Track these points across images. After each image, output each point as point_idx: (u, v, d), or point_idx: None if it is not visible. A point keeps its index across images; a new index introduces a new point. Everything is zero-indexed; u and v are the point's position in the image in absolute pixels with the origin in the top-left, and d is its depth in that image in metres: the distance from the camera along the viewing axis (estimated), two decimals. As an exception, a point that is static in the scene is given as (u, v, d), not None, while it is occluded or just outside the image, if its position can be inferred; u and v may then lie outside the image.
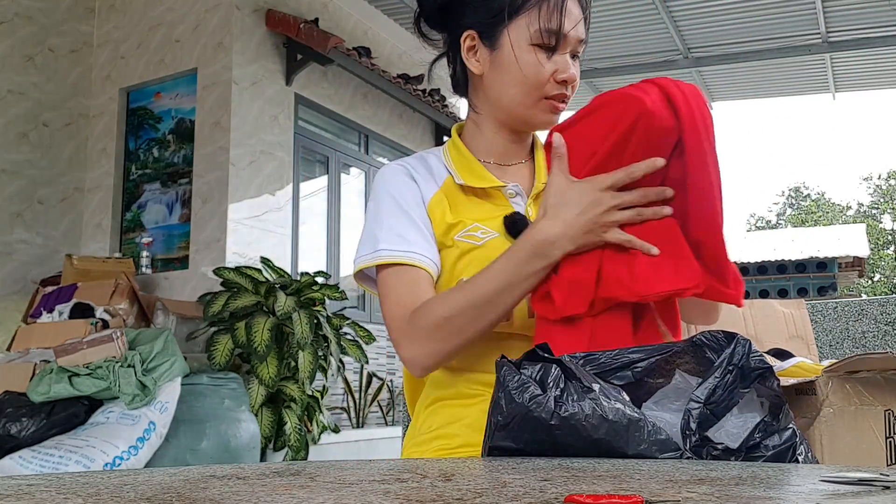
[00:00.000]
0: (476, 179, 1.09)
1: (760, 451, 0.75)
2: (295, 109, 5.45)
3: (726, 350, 0.81)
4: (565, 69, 1.05)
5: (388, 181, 1.10)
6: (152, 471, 0.54)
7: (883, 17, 6.02)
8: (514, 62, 1.05)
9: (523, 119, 1.10)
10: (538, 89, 1.06)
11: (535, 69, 1.04)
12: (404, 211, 1.07)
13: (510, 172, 1.13)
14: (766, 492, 0.44)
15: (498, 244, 1.04)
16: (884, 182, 28.66)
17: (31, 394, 3.05)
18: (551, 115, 1.09)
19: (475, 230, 1.05)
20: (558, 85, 1.06)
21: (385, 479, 0.49)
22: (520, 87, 1.06)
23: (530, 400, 0.74)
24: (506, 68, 1.06)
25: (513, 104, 1.08)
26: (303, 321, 3.85)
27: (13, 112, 5.00)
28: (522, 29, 1.04)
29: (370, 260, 1.05)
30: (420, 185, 1.10)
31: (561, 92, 1.07)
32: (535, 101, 1.07)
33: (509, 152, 1.14)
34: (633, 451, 0.73)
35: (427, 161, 1.14)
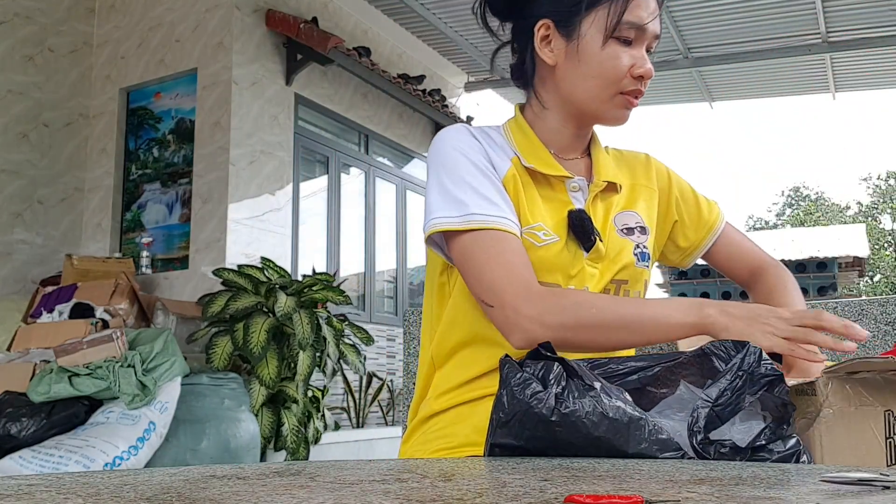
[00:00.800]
0: (544, 165, 1.06)
1: (765, 454, 0.75)
2: (295, 109, 5.45)
3: (737, 356, 0.81)
4: (643, 64, 1.03)
5: (457, 142, 1.05)
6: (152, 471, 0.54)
7: (883, 17, 6.02)
8: (591, 54, 1.02)
9: (595, 114, 1.07)
10: (615, 84, 1.03)
11: (614, 63, 1.02)
12: (485, 174, 1.02)
13: (569, 165, 1.10)
14: (766, 492, 0.44)
15: (555, 249, 1.02)
16: (883, 182, 28.66)
17: (31, 394, 3.05)
18: (624, 111, 1.06)
19: (538, 230, 1.03)
20: (634, 80, 1.03)
21: (385, 479, 0.49)
22: (596, 81, 1.03)
23: (531, 396, 0.74)
24: (582, 60, 1.03)
25: (587, 98, 1.05)
26: (304, 322, 3.85)
27: (13, 112, 5.00)
28: (602, 20, 1.01)
29: (462, 223, 0.98)
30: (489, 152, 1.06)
31: (637, 88, 1.04)
32: (611, 95, 1.04)
33: (570, 146, 1.12)
34: (633, 450, 0.73)
35: (490, 135, 1.10)
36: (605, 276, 1.06)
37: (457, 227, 0.99)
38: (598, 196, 1.09)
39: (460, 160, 1.03)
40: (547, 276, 1.02)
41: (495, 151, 1.07)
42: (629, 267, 1.08)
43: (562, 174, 1.06)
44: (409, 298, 6.76)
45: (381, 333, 6.19)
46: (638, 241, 1.10)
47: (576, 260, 1.04)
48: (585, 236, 1.03)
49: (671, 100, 8.10)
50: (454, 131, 1.07)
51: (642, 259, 1.10)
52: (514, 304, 0.94)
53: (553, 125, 1.10)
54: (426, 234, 1.03)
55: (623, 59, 1.02)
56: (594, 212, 1.07)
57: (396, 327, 6.34)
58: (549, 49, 1.06)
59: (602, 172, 1.10)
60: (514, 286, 0.94)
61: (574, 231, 1.03)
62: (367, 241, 6.26)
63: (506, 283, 0.95)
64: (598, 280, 1.06)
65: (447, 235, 1.01)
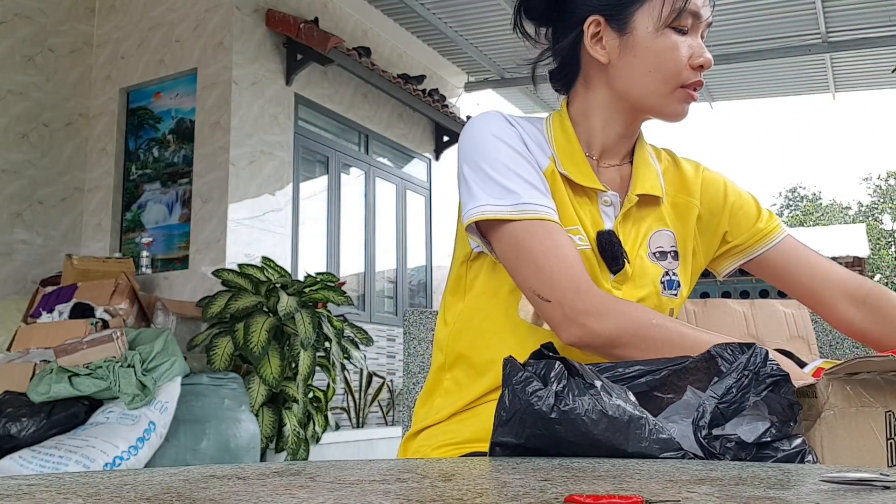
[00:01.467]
0: (579, 174, 1.01)
1: (770, 452, 0.75)
2: (295, 109, 5.45)
3: (742, 356, 0.81)
4: (701, 52, 0.98)
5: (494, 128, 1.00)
6: (152, 471, 0.54)
7: (883, 17, 6.02)
8: (649, 47, 0.97)
9: (656, 108, 1.02)
10: (676, 76, 0.98)
11: (673, 54, 0.97)
12: (529, 162, 0.98)
13: (605, 175, 1.05)
14: (766, 492, 0.44)
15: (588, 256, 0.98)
16: (883, 182, 28.66)
17: (31, 394, 3.05)
18: (685, 105, 1.02)
19: (574, 233, 0.98)
20: (695, 71, 0.99)
21: (385, 479, 0.49)
22: (655, 75, 0.98)
23: (531, 394, 0.74)
24: (639, 54, 0.98)
25: (646, 93, 1.00)
26: (305, 321, 3.86)
27: (13, 112, 5.00)
28: (657, 10, 0.96)
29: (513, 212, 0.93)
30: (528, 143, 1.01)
31: (698, 79, 0.99)
32: (672, 89, 0.99)
33: (613, 150, 1.06)
34: (633, 449, 0.73)
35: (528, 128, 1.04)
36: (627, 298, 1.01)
37: (508, 216, 0.93)
38: (631, 210, 1.03)
39: (501, 146, 0.98)
40: None
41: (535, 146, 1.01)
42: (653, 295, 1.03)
43: (596, 186, 1.01)
44: (409, 298, 6.76)
45: (381, 333, 6.19)
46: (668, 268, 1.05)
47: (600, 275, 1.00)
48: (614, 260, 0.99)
49: (671, 100, 8.09)
50: (489, 117, 1.02)
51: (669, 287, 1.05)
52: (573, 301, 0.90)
53: (599, 125, 1.04)
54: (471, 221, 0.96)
55: (682, 49, 0.97)
56: (625, 229, 1.02)
57: (396, 327, 6.34)
58: (600, 46, 1.01)
59: (638, 185, 1.04)
60: (575, 282, 0.91)
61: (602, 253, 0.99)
62: (367, 241, 6.26)
63: (565, 277, 0.91)
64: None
65: (492, 225, 0.96)
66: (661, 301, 1.03)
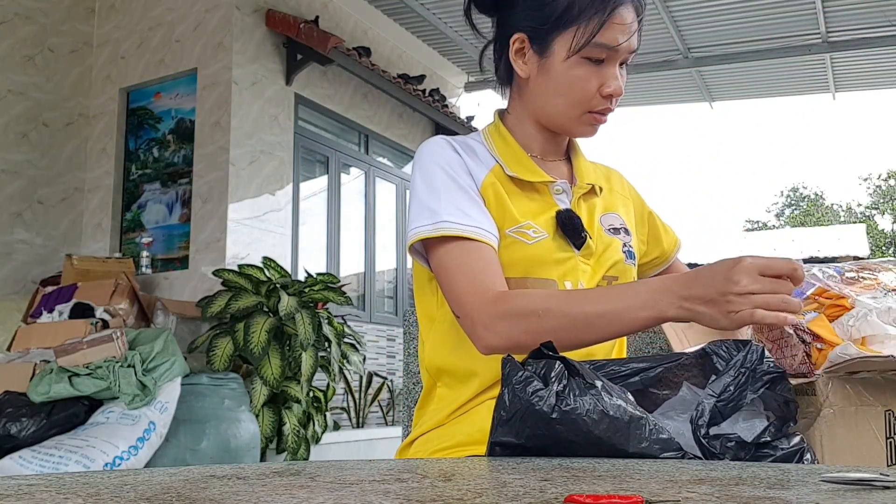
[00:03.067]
0: (526, 172, 1.08)
1: (769, 451, 0.75)
2: (295, 109, 5.45)
3: (739, 354, 0.81)
4: (612, 83, 1.03)
5: (435, 154, 1.07)
6: (152, 471, 0.54)
7: (883, 17, 6.02)
8: (561, 73, 1.03)
9: (563, 127, 1.09)
10: (583, 104, 1.04)
11: (582, 84, 1.03)
12: (460, 185, 1.04)
13: (550, 168, 1.13)
14: (766, 492, 0.44)
15: (548, 245, 1.03)
16: (883, 182, 28.66)
17: (31, 394, 3.05)
18: (591, 127, 1.08)
19: (528, 228, 1.04)
20: (603, 99, 1.04)
21: (385, 479, 0.49)
22: (564, 99, 1.05)
23: (532, 394, 0.74)
24: (553, 78, 1.04)
25: (555, 113, 1.07)
26: (305, 322, 3.85)
27: (13, 112, 5.00)
28: (574, 40, 1.01)
29: (431, 231, 1.00)
30: (466, 161, 1.08)
31: (606, 106, 1.05)
32: (579, 114, 1.05)
33: (549, 149, 1.14)
34: (633, 449, 0.73)
35: (470, 145, 1.12)
36: (598, 273, 1.08)
37: (428, 235, 1.00)
38: (581, 198, 1.11)
39: (436, 172, 1.05)
40: (541, 272, 1.03)
41: (475, 161, 1.08)
42: (619, 264, 1.10)
43: (545, 179, 1.08)
44: (409, 298, 6.76)
45: (381, 333, 6.19)
46: (624, 240, 1.13)
47: (567, 255, 1.05)
48: (576, 234, 1.05)
49: (671, 100, 8.10)
50: (432, 144, 1.09)
51: (630, 257, 1.13)
52: (472, 314, 0.95)
53: (530, 129, 1.12)
54: (408, 246, 1.06)
55: (591, 80, 1.03)
56: (579, 212, 1.09)
57: (396, 327, 6.34)
58: (522, 62, 1.08)
59: (584, 175, 1.12)
60: (474, 295, 0.96)
61: (564, 230, 1.04)
62: (367, 241, 6.26)
63: (468, 292, 0.96)
64: (591, 276, 1.07)
65: (426, 247, 1.03)
66: (626, 268, 1.11)
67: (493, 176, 1.07)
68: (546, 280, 1.03)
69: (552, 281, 1.03)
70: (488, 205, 1.04)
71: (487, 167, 1.08)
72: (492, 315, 0.93)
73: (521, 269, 1.02)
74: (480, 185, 1.06)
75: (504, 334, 0.93)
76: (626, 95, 5.41)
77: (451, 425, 1.03)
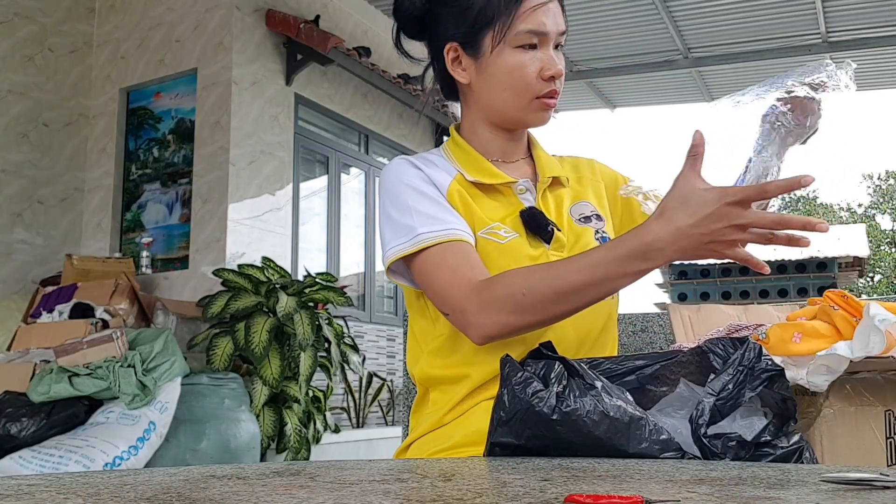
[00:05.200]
0: (486, 176, 1.10)
1: (769, 450, 0.75)
2: (295, 109, 5.45)
3: (736, 353, 0.81)
4: (550, 65, 1.05)
5: (399, 174, 1.09)
6: (152, 471, 0.54)
7: (883, 17, 6.02)
8: (500, 68, 1.05)
9: (517, 120, 1.11)
10: (528, 91, 1.06)
11: (521, 72, 1.05)
12: (428, 196, 1.06)
13: (513, 168, 1.14)
14: (766, 492, 0.44)
15: (518, 244, 1.05)
16: (883, 182, 28.66)
17: (31, 394, 3.05)
18: (544, 113, 1.09)
19: (498, 229, 1.06)
20: (546, 82, 1.06)
21: (385, 479, 0.49)
22: (509, 92, 1.06)
23: (532, 395, 0.74)
24: (492, 75, 1.07)
25: (505, 108, 1.09)
26: (304, 322, 3.86)
27: (13, 112, 5.00)
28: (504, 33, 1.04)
29: (412, 246, 1.01)
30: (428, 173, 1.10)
31: (550, 88, 1.06)
32: (527, 102, 1.07)
33: (508, 150, 1.15)
34: (633, 450, 0.73)
35: (430, 160, 1.15)
36: None
37: (408, 251, 1.02)
38: (546, 192, 1.12)
39: (402, 189, 1.07)
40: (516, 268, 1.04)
41: (435, 171, 1.10)
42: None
43: (506, 180, 1.09)
44: (409, 298, 6.75)
45: (381, 333, 6.19)
46: (597, 227, 1.13)
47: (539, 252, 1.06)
48: (541, 229, 1.06)
49: (671, 100, 8.10)
50: (394, 165, 1.11)
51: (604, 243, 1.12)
52: (460, 306, 0.96)
53: (485, 135, 1.14)
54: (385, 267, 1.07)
55: (529, 66, 1.04)
56: (546, 207, 1.11)
57: (396, 327, 6.34)
58: (461, 69, 1.10)
59: (546, 170, 1.13)
60: (457, 288, 0.97)
61: (529, 227, 1.06)
62: (367, 241, 6.26)
63: (450, 286, 0.98)
64: None
65: (407, 263, 1.05)
66: None
67: (456, 183, 1.09)
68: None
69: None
70: (457, 210, 1.07)
71: (451, 176, 1.10)
72: (478, 304, 0.94)
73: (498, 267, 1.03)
74: (446, 193, 1.08)
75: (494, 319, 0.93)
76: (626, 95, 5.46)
77: (448, 427, 1.04)
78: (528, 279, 0.93)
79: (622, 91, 7.75)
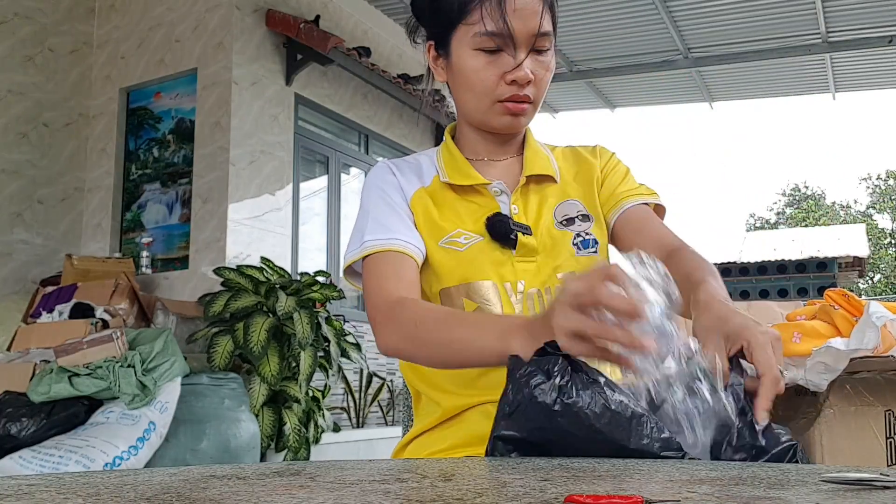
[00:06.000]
0: (460, 177, 1.10)
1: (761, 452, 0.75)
2: (295, 109, 5.45)
3: None
4: (514, 71, 1.01)
5: (373, 179, 1.12)
6: (152, 471, 0.54)
7: (883, 18, 6.02)
8: (461, 69, 1.05)
9: (482, 123, 1.09)
10: (487, 94, 1.03)
11: (479, 74, 1.02)
12: (387, 203, 1.08)
13: (500, 168, 1.13)
14: (766, 492, 0.44)
15: (481, 247, 1.04)
16: (882, 182, 28.66)
17: (31, 394, 3.05)
18: (508, 118, 1.05)
19: (458, 236, 1.06)
20: (510, 86, 1.02)
21: (385, 479, 0.49)
22: (471, 94, 1.06)
23: (535, 387, 0.74)
24: (457, 76, 1.06)
25: (468, 109, 1.09)
26: (303, 321, 3.86)
27: (13, 112, 5.00)
28: (466, 35, 1.02)
29: (358, 253, 1.04)
30: (400, 179, 1.11)
31: (514, 93, 1.02)
32: (488, 105, 1.05)
33: (496, 150, 1.14)
34: (634, 445, 0.73)
35: (418, 161, 1.16)
36: (544, 270, 1.05)
37: (354, 259, 1.05)
38: (531, 191, 1.10)
39: (370, 195, 1.10)
40: (477, 275, 1.04)
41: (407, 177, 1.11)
42: (569, 259, 1.06)
43: (480, 182, 1.09)
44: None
45: (381, 333, 6.18)
46: (578, 230, 1.09)
47: (504, 256, 1.05)
48: (504, 237, 1.05)
49: (671, 100, 8.10)
50: (374, 169, 1.14)
51: (585, 246, 1.08)
52: (372, 316, 0.99)
53: (472, 135, 1.14)
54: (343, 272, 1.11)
55: (488, 69, 1.02)
56: (526, 207, 1.09)
57: (396, 327, 6.34)
58: (439, 67, 1.11)
59: (528, 168, 1.11)
60: (377, 297, 0.99)
61: (492, 234, 1.05)
62: (367, 241, 6.26)
63: (373, 295, 1.00)
64: (536, 274, 1.05)
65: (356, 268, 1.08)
66: (580, 261, 1.07)
67: (425, 190, 1.10)
68: (483, 283, 1.03)
69: (490, 283, 1.03)
70: (417, 219, 1.07)
71: (426, 180, 1.11)
72: (383, 320, 0.96)
73: (458, 275, 1.03)
74: (410, 199, 1.09)
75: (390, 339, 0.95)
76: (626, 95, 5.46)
77: (443, 429, 1.04)
78: (426, 315, 0.93)
79: (622, 91, 7.75)
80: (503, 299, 1.03)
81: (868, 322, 1.02)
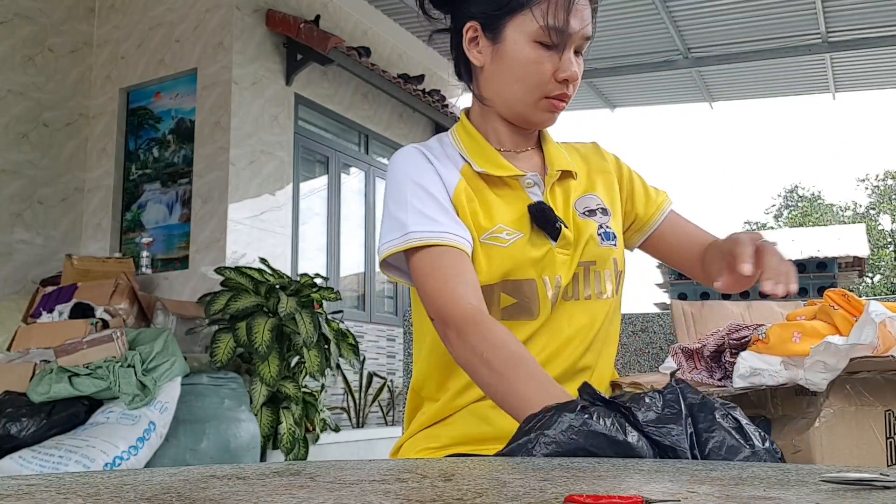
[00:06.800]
0: (494, 167, 1.07)
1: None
2: (295, 109, 5.45)
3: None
4: (567, 68, 1.01)
5: (406, 165, 1.07)
6: (152, 471, 0.54)
7: (883, 17, 6.02)
8: (515, 58, 1.02)
9: (522, 116, 1.07)
10: (539, 88, 1.03)
11: (537, 67, 1.01)
12: (429, 193, 1.04)
13: (521, 159, 1.12)
14: (765, 492, 0.44)
15: (521, 245, 1.03)
16: (881, 182, 28.65)
17: (31, 394, 3.05)
18: (550, 115, 1.07)
19: (500, 231, 1.03)
20: (559, 84, 1.03)
21: (385, 479, 0.49)
22: (520, 85, 1.03)
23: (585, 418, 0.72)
24: (507, 64, 1.03)
25: (513, 100, 1.06)
26: (306, 321, 3.86)
27: (13, 112, 5.00)
28: (526, 24, 1.00)
29: (401, 244, 1.00)
30: (439, 170, 1.07)
31: (562, 91, 1.04)
32: (536, 99, 1.04)
33: (518, 140, 1.12)
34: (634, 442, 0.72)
35: (440, 149, 1.12)
36: (574, 261, 1.06)
37: (396, 249, 1.01)
38: (555, 185, 1.09)
39: (405, 182, 1.05)
40: (519, 273, 1.03)
41: (445, 165, 1.08)
42: (593, 247, 1.07)
43: (515, 173, 1.07)
44: (408, 298, 6.75)
45: (381, 333, 6.19)
46: (600, 222, 1.10)
47: (544, 251, 1.04)
48: (550, 226, 1.04)
49: (671, 100, 8.10)
50: (403, 154, 1.09)
51: (606, 238, 1.10)
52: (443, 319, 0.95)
53: (494, 122, 1.11)
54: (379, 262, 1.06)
55: (545, 64, 1.01)
56: (554, 201, 1.08)
57: (396, 327, 6.34)
58: (476, 50, 1.07)
59: (555, 162, 1.11)
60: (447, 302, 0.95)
61: (537, 223, 1.04)
62: (367, 241, 6.26)
63: (439, 294, 0.96)
64: (569, 266, 1.06)
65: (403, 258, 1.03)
66: (602, 251, 1.08)
67: (464, 180, 1.07)
68: (525, 280, 1.03)
69: (531, 280, 1.03)
70: (462, 213, 1.04)
71: (458, 168, 1.08)
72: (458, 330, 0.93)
73: (500, 272, 1.02)
74: (453, 194, 1.05)
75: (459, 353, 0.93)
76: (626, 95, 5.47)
77: (436, 429, 1.05)
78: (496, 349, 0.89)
79: (622, 91, 7.75)
80: (540, 293, 1.03)
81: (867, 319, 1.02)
